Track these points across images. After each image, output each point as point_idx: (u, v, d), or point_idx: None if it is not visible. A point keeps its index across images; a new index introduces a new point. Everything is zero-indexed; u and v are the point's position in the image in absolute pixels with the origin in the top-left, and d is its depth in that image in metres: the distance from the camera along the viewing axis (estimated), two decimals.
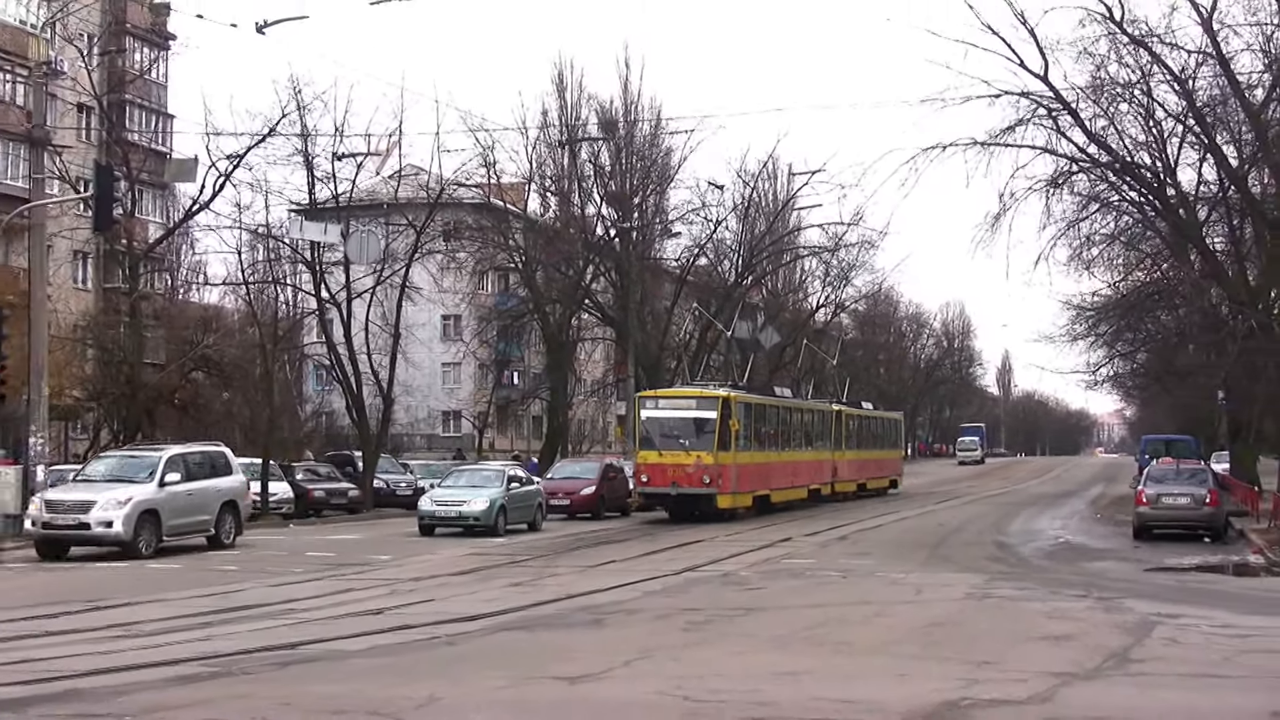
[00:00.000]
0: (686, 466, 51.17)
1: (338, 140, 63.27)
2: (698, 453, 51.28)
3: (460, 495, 46.68)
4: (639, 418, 54.30)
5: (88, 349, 63.40)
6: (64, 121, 66.30)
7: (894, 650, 20.23)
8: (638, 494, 54.43)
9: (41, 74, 48.45)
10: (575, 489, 55.58)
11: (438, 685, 16.72)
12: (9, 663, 18.80)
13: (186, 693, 16.53)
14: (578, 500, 55.10)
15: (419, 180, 70.46)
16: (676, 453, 51.61)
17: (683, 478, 51.24)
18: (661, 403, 54.21)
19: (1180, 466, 49.53)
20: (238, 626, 23.05)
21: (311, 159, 63.83)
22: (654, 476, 52.09)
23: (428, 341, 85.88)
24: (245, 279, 64.83)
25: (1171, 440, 74.04)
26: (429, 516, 46.67)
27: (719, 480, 51.21)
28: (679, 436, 52.10)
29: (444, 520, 46.22)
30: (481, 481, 48.19)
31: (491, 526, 45.43)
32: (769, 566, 34.64)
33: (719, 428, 51.62)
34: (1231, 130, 48.97)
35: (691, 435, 51.95)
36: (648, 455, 52.54)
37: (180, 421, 63.10)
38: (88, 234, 66.33)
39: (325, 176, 64.54)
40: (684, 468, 51.24)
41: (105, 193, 44.11)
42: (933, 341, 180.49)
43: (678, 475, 51.32)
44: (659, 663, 18.96)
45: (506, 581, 31.03)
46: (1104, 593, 28.04)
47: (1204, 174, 52.70)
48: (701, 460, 51.15)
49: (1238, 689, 16.97)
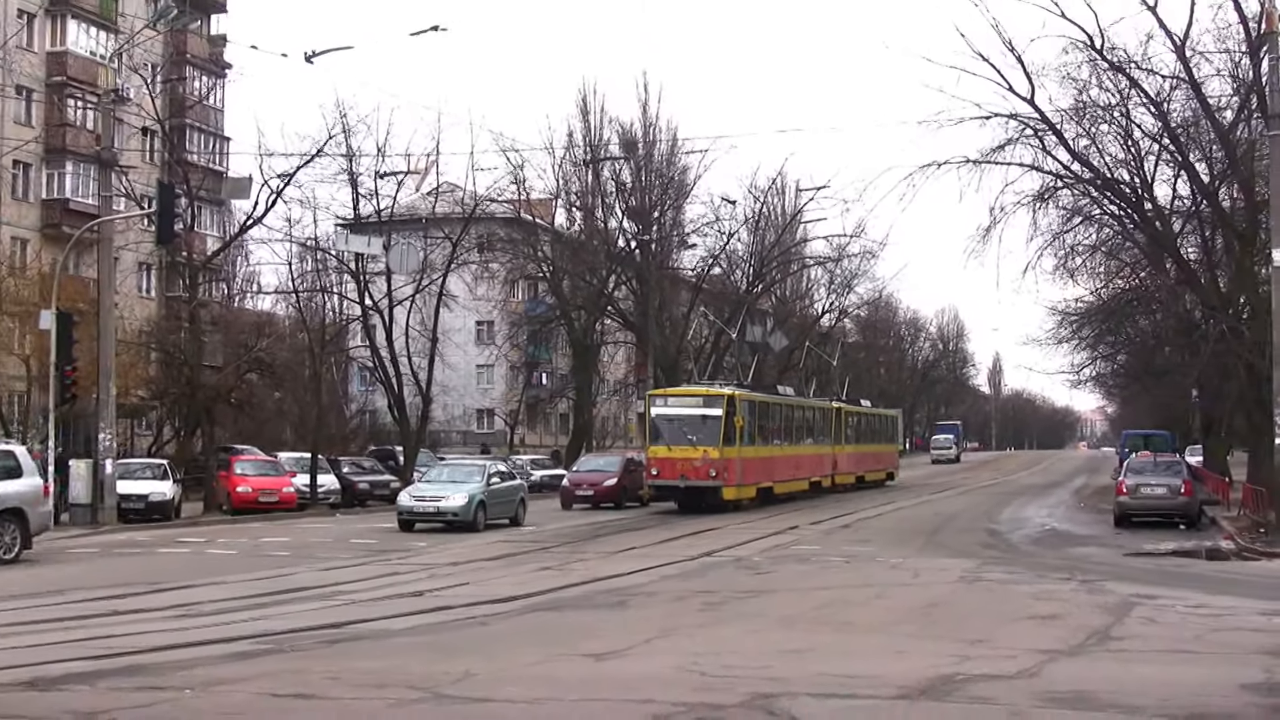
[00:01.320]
0: (694, 460, 50.53)
1: (380, 160, 63.81)
2: (704, 448, 50.66)
3: (439, 491, 43.32)
4: (650, 415, 53.73)
5: (151, 352, 63.55)
6: (130, 144, 66.63)
7: (893, 629, 20.22)
8: (649, 486, 53.93)
9: (110, 101, 48.61)
10: (599, 480, 55.32)
11: (473, 661, 16.71)
12: (81, 639, 18.84)
13: (243, 667, 16.55)
14: (600, 491, 54.79)
15: (455, 196, 70.66)
16: (685, 448, 51.02)
17: (690, 471, 50.59)
18: (671, 401, 53.77)
19: (1157, 459, 49.53)
20: (290, 607, 23.09)
21: (356, 177, 64.30)
22: (664, 470, 51.50)
23: (463, 345, 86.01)
24: (295, 288, 65.21)
25: (1149, 435, 73.75)
26: (407, 512, 43.26)
27: (724, 473, 50.64)
28: (687, 432, 51.48)
29: (422, 516, 42.74)
30: (462, 476, 45.00)
31: (470, 522, 42.04)
32: (778, 552, 34.59)
33: (724, 424, 51.01)
34: (1203, 149, 48.90)
35: (699, 431, 51.27)
36: (658, 450, 51.99)
37: (235, 419, 63.28)
38: (151, 247, 66.60)
39: (368, 193, 65.00)
40: (691, 462, 50.60)
41: (167, 209, 44.33)
42: (929, 344, 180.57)
43: (686, 469, 50.70)
44: (676, 641, 18.96)
45: (536, 566, 31.05)
46: (1087, 576, 27.98)
47: (1178, 189, 52.58)
48: (708, 455, 50.49)
49: (1210, 663, 16.93)
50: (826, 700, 14.30)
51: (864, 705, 14.12)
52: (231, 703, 14.38)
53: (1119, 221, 52.43)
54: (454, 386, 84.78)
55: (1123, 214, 51.43)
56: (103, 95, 49.53)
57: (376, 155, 63.90)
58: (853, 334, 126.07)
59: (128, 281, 68.90)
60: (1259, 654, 17.49)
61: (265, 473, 54.20)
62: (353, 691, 14.90)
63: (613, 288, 79.09)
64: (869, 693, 14.71)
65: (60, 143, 69.41)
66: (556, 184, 77.81)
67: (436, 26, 45.35)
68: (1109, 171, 49.78)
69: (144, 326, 67.16)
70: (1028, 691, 14.75)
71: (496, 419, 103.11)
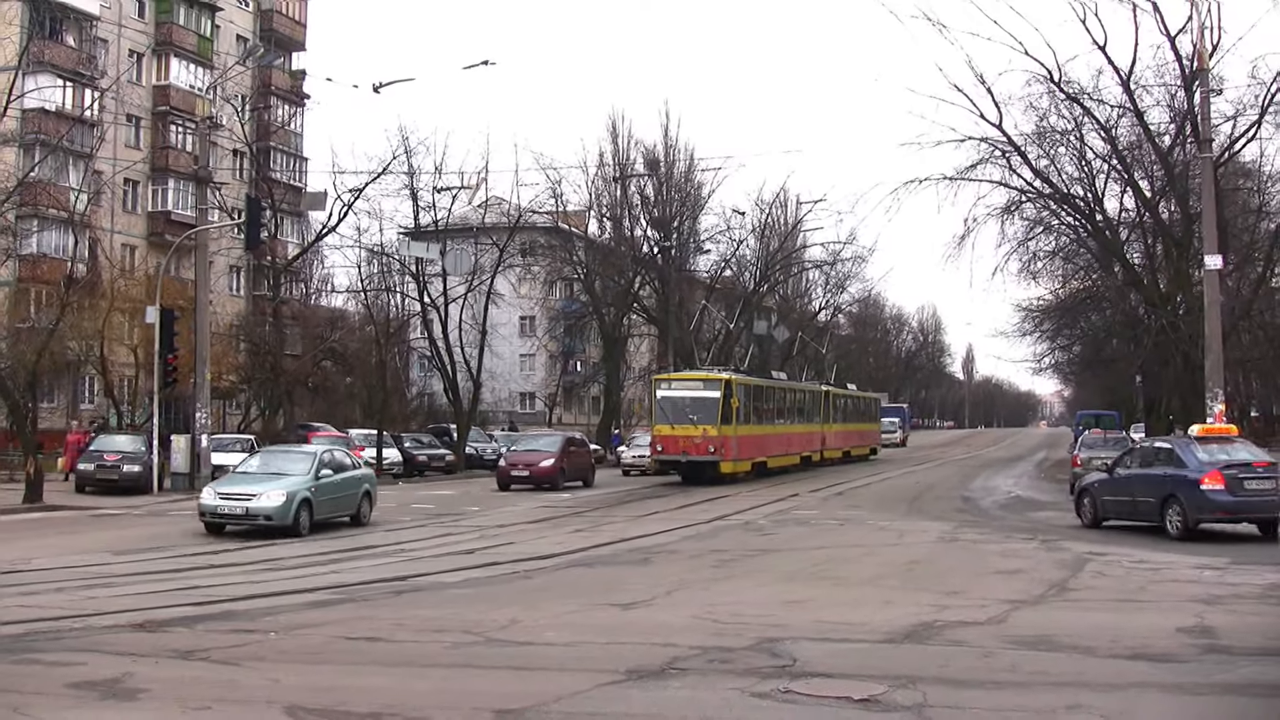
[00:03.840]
0: (694, 438, 49.43)
1: (437, 176, 64.21)
2: (704, 426, 49.45)
3: (250, 488, 29.75)
4: (655, 397, 52.23)
5: (240, 343, 63.89)
6: (223, 164, 66.81)
7: (881, 583, 20.21)
8: (654, 461, 51.87)
9: (206, 127, 48.76)
10: (535, 461, 48.95)
11: (518, 610, 16.76)
12: (181, 588, 18.98)
13: (320, 614, 16.63)
14: (538, 472, 48.58)
15: (501, 208, 70.87)
16: (686, 426, 49.56)
17: (691, 447, 49.54)
18: (674, 384, 52.18)
19: (1107, 436, 49.87)
20: (360, 563, 23.18)
21: (416, 192, 64.60)
22: (667, 446, 50.17)
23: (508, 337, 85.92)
24: (364, 287, 65.50)
25: (1100, 415, 73.52)
26: (211, 513, 29.66)
27: (722, 449, 49.60)
28: (689, 412, 50.06)
29: (230, 518, 29.43)
30: (285, 467, 31.46)
31: (289, 526, 29.19)
32: (780, 516, 34.54)
33: (722, 405, 49.86)
34: (1146, 168, 49.05)
35: (699, 411, 49.92)
36: (662, 429, 50.50)
37: (312, 400, 63.43)
38: (240, 252, 66.99)
39: (427, 205, 65.23)
40: (692, 439, 49.47)
41: (254, 220, 44.43)
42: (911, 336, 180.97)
43: (687, 445, 49.62)
44: (693, 593, 18.97)
45: (572, 529, 31.12)
46: (1047, 536, 27.98)
47: (1125, 203, 52.68)
48: (707, 432, 49.34)
49: (1152, 611, 16.93)
50: (823, 643, 14.31)
51: (856, 648, 14.12)
52: (311, 644, 14.44)
53: (1074, 231, 52.49)
54: (500, 373, 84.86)
55: (1077, 224, 51.48)
56: (200, 122, 49.72)
57: (434, 172, 64.41)
58: (845, 328, 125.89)
59: (220, 282, 69.13)
60: (1191, 602, 17.51)
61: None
62: (415, 635, 14.95)
63: (638, 287, 78.98)
64: (860, 637, 14.72)
65: (164, 163, 69.67)
66: (589, 198, 77.69)
67: (486, 61, 45.33)
68: (1066, 188, 49.87)
69: (234, 321, 67.36)
70: (997, 635, 14.76)
71: (537, 401, 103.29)
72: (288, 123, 78.25)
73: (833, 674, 12.57)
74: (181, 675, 12.75)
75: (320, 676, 12.78)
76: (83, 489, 42.69)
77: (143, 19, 70.37)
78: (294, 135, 79.66)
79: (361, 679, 12.56)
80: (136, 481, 42.68)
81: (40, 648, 14.03)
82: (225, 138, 65.67)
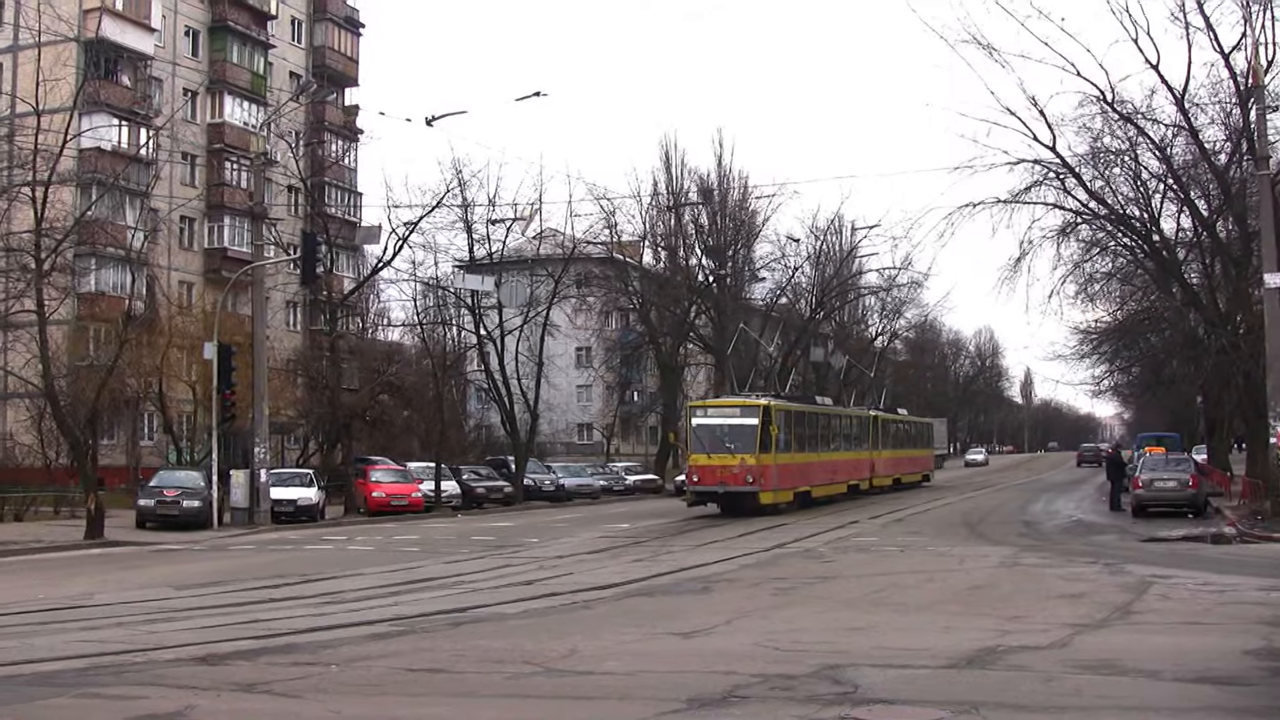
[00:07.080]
0: (732, 467, 47.15)
1: (491, 209, 64.55)
2: (742, 455, 47.11)
3: None
4: (690, 425, 50.00)
5: (298, 377, 64.22)
6: (278, 200, 67.54)
7: (941, 608, 20.11)
8: (690, 492, 49.49)
9: (260, 163, 49.23)
10: None
11: (578, 640, 16.73)
12: (243, 621, 19.01)
13: (381, 646, 16.64)
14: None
15: (555, 239, 71.23)
16: (723, 455, 47.40)
17: (729, 477, 47.20)
18: (710, 411, 50.09)
19: (1168, 457, 49.41)
20: (420, 594, 23.16)
21: (470, 224, 65.06)
22: (704, 477, 48.00)
23: (565, 368, 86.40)
24: (419, 320, 65.92)
25: (1161, 437, 73.20)
26: None
27: (760, 479, 47.32)
28: (725, 440, 47.84)
29: None
30: None
31: None
32: (840, 544, 34.39)
33: (760, 432, 47.52)
34: (1202, 187, 48.62)
35: (736, 439, 47.63)
36: (698, 458, 48.36)
37: (370, 434, 63.72)
38: (296, 287, 67.60)
39: (481, 238, 65.66)
40: (730, 468, 47.22)
41: (310, 255, 44.74)
42: (968, 361, 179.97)
43: (724, 475, 47.28)
44: (754, 620, 18.90)
45: (631, 558, 31.03)
46: (1109, 559, 27.82)
47: (1181, 223, 52.31)
48: (745, 461, 47.04)
49: (1217, 633, 16.79)
50: (885, 670, 14.25)
51: (918, 674, 14.05)
52: (372, 676, 14.46)
53: (1131, 252, 52.13)
54: (557, 404, 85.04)
55: (1134, 245, 51.12)
56: (254, 159, 50.12)
57: (488, 205, 64.70)
58: (902, 353, 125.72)
59: (277, 317, 69.72)
60: (1258, 624, 17.36)
61: (397, 480, 54.64)
62: (475, 666, 14.95)
63: (694, 316, 79.15)
64: (922, 663, 14.65)
65: (219, 200, 70.41)
66: (644, 227, 78.00)
67: (538, 92, 45.63)
68: (1121, 208, 49.54)
69: (291, 355, 67.79)
70: (1059, 659, 14.66)
71: (595, 432, 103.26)
72: (341, 157, 78.84)
73: (895, 700, 12.52)
74: (243, 708, 12.80)
75: (381, 708, 12.80)
76: (143, 524, 43.07)
77: (196, 57, 71.17)
78: (348, 170, 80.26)
79: (422, 709, 12.60)
80: (196, 517, 43.06)
81: (103, 682, 14.10)
82: (279, 174, 66.17)
